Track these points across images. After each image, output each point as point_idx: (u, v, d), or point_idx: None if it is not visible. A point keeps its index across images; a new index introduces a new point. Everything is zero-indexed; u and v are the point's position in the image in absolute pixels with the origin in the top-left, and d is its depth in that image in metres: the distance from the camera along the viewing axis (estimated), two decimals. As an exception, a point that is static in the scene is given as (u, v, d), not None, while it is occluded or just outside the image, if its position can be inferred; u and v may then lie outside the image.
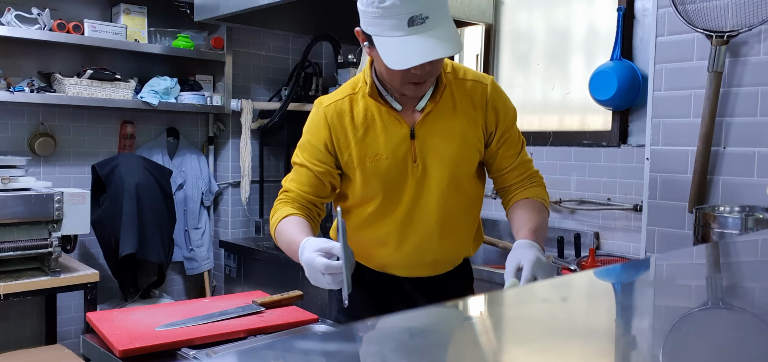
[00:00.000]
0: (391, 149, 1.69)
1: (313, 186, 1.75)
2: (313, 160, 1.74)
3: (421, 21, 1.51)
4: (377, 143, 1.70)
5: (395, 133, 1.70)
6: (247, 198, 3.89)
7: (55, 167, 3.57)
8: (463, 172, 1.75)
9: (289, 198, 1.76)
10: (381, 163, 1.69)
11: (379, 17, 1.53)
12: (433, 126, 1.70)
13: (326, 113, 1.72)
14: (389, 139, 1.70)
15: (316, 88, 3.99)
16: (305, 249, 1.56)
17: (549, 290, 0.90)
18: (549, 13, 3.42)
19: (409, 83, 1.62)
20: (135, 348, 1.74)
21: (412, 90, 1.65)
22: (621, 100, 2.98)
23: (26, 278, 2.87)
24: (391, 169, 1.70)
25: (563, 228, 3.20)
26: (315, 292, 3.07)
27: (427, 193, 1.73)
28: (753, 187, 2.19)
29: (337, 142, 1.72)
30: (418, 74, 1.59)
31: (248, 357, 0.70)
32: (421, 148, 1.70)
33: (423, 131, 1.70)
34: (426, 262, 1.82)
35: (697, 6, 2.27)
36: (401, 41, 1.52)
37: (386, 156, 1.69)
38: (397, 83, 1.63)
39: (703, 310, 0.83)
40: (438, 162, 1.71)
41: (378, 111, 1.71)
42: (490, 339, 0.72)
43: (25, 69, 3.44)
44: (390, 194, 1.73)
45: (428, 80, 1.64)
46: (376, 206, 1.75)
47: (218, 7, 3.40)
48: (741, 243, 1.43)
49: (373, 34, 1.58)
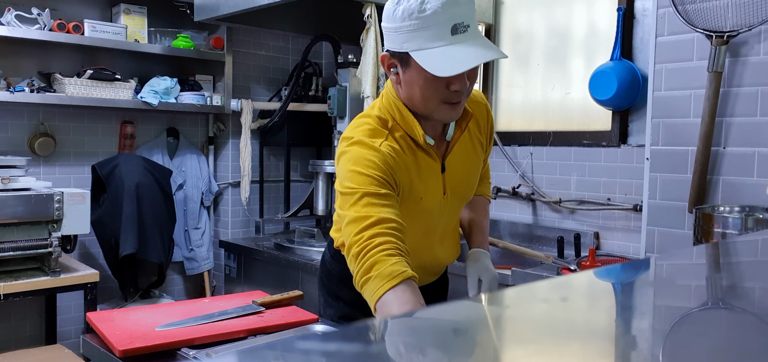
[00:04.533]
0: (430, 189, 1.64)
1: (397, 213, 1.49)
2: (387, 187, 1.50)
3: (463, 29, 1.46)
4: (420, 181, 1.61)
5: (429, 169, 1.63)
6: (247, 199, 3.89)
7: (55, 167, 3.57)
8: (473, 189, 1.82)
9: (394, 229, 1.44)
10: (421, 201, 1.62)
11: (419, 29, 1.44)
12: (457, 156, 1.69)
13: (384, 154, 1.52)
14: (426, 178, 1.63)
15: (316, 88, 4.00)
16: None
17: (549, 290, 0.91)
18: (549, 13, 3.42)
19: (446, 104, 1.54)
20: (135, 348, 1.74)
21: (447, 112, 1.55)
22: (621, 100, 2.98)
23: (26, 278, 2.87)
24: (433, 209, 1.66)
25: (563, 228, 3.20)
26: (315, 292, 3.07)
27: (446, 219, 1.75)
28: (753, 187, 2.19)
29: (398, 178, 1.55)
30: (457, 91, 1.51)
31: (248, 357, 0.70)
32: (448, 179, 1.68)
33: (450, 162, 1.68)
34: (434, 271, 1.89)
35: (697, 6, 2.27)
36: (446, 50, 1.44)
37: (425, 197, 1.63)
38: (433, 104, 1.53)
39: (703, 310, 0.83)
40: (461, 189, 1.74)
41: (410, 148, 1.60)
42: (490, 339, 0.72)
43: (25, 69, 3.44)
44: (419, 227, 1.66)
45: (463, 100, 1.57)
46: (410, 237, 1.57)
47: (218, 7, 3.40)
48: (741, 243, 1.43)
49: (412, 50, 1.47)
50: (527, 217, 3.37)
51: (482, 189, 1.95)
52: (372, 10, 3.02)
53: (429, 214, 1.67)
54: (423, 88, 1.51)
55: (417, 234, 1.64)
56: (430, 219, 1.69)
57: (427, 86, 1.50)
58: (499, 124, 3.64)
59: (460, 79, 1.50)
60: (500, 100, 3.63)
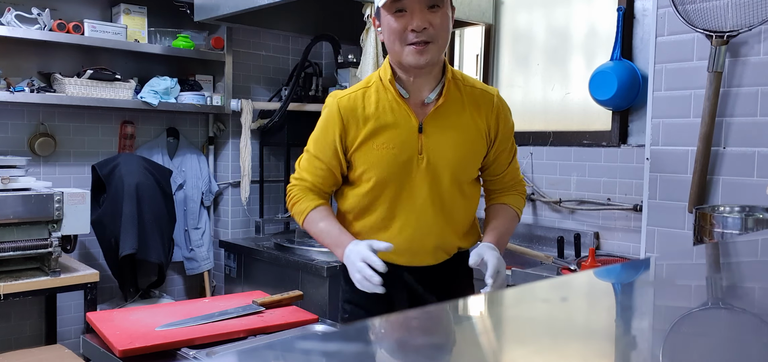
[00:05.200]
0: (399, 141, 1.81)
1: (325, 179, 1.90)
2: (327, 153, 1.87)
3: None
4: (389, 131, 1.81)
5: (404, 125, 1.81)
6: (247, 198, 3.89)
7: (55, 167, 3.57)
8: (464, 169, 1.86)
9: (306, 187, 1.92)
10: (389, 150, 1.81)
11: None
12: (441, 122, 1.83)
13: (340, 104, 1.85)
14: (398, 131, 1.81)
15: (316, 88, 3.99)
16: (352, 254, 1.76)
17: (549, 290, 0.90)
18: (549, 13, 3.42)
19: (410, 45, 1.74)
20: (135, 348, 1.74)
21: (413, 54, 1.74)
22: (621, 100, 2.98)
23: (26, 278, 2.87)
24: (398, 157, 1.81)
25: (563, 228, 3.20)
26: (315, 292, 3.07)
27: (428, 184, 1.83)
28: (753, 187, 2.19)
29: (348, 131, 1.83)
30: (415, 31, 1.72)
31: (248, 357, 0.70)
32: (427, 142, 1.81)
33: (431, 127, 1.82)
34: (426, 249, 1.88)
35: (697, 6, 2.27)
36: None
37: (393, 146, 1.81)
38: (399, 46, 1.75)
39: (703, 310, 0.83)
40: (442, 157, 1.82)
41: (392, 104, 1.82)
42: (490, 339, 0.72)
43: (25, 69, 3.44)
44: (393, 181, 1.83)
45: (429, 46, 1.74)
46: (379, 191, 1.84)
47: (218, 7, 3.40)
48: (741, 243, 1.43)
49: (379, 3, 1.76)
50: (527, 217, 3.37)
51: (507, 199, 1.97)
52: (372, 10, 3.02)
53: (403, 169, 1.82)
54: (390, 35, 1.76)
55: (392, 191, 1.84)
56: (408, 179, 1.83)
57: (392, 32, 1.75)
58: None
59: (417, 18, 1.71)
60: (500, 100, 3.63)
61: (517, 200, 1.98)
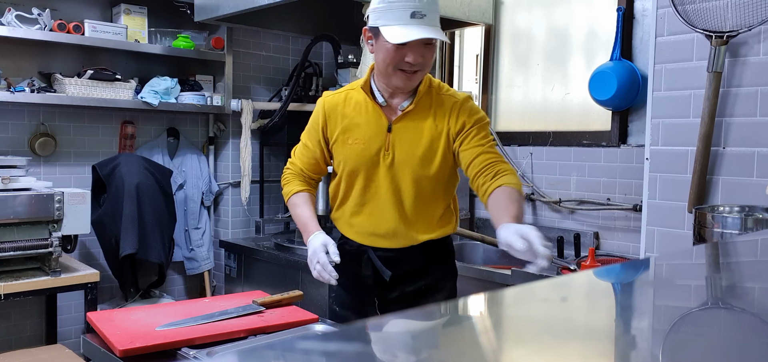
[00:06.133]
0: (369, 136, 2.05)
1: (311, 166, 2.20)
2: (313, 143, 2.16)
3: (420, 16, 1.90)
4: (359, 129, 2.06)
5: (375, 124, 2.05)
6: (247, 198, 3.89)
7: (55, 167, 3.57)
8: (425, 165, 2.04)
9: (295, 172, 2.22)
10: (358, 145, 2.06)
11: (388, 10, 1.91)
12: (407, 124, 2.05)
13: (325, 102, 2.14)
14: (369, 128, 2.05)
15: (316, 88, 3.99)
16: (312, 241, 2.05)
17: (549, 290, 0.91)
18: (549, 13, 3.42)
19: (401, 71, 1.95)
20: (135, 348, 1.74)
21: (402, 80, 1.97)
22: (621, 100, 2.98)
23: (27, 278, 2.88)
24: (365, 152, 2.05)
25: (563, 228, 3.20)
26: (315, 292, 3.07)
27: (391, 177, 2.04)
28: (753, 187, 2.19)
29: (329, 127, 2.11)
30: (410, 63, 1.92)
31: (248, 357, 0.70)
32: (394, 140, 2.04)
33: (398, 126, 2.04)
34: (381, 233, 2.09)
35: (697, 6, 2.28)
36: (404, 27, 1.90)
37: (363, 141, 2.05)
38: (391, 69, 1.95)
39: (703, 310, 0.84)
40: (405, 154, 2.03)
41: (366, 106, 2.07)
42: (490, 338, 0.72)
43: (25, 69, 3.44)
44: (361, 171, 2.06)
45: (416, 75, 1.97)
46: (351, 181, 2.10)
47: (218, 8, 3.40)
48: (741, 243, 1.44)
49: (381, 25, 1.93)
50: (527, 217, 3.37)
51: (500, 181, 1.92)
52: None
53: (371, 163, 2.04)
54: (385, 55, 1.95)
55: (361, 181, 2.07)
56: (375, 171, 2.05)
57: (388, 54, 1.94)
58: (498, 124, 3.64)
59: (414, 53, 1.92)
60: (500, 100, 3.63)
61: (510, 178, 1.95)
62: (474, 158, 1.99)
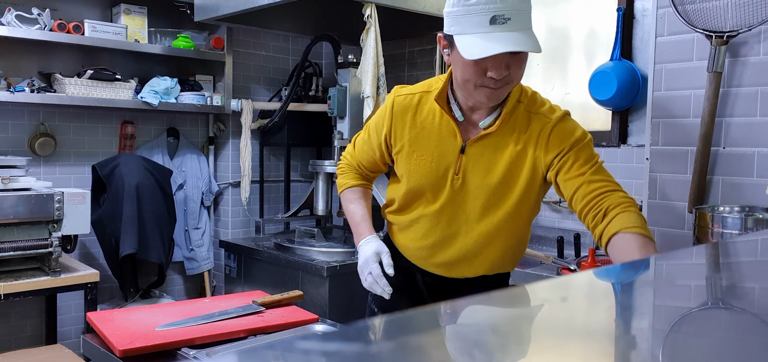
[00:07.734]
0: (439, 155, 1.79)
1: (370, 163, 2.00)
2: (374, 142, 1.93)
3: (503, 21, 1.56)
4: (428, 145, 1.80)
5: (448, 142, 1.79)
6: (247, 198, 3.89)
7: (55, 167, 3.57)
8: (501, 199, 1.78)
9: (352, 164, 2.05)
10: (425, 163, 1.81)
11: (463, 15, 1.59)
12: (485, 147, 1.76)
13: (395, 102, 1.86)
14: (440, 146, 1.79)
15: (316, 88, 4.00)
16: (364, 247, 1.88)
17: (549, 290, 0.91)
18: (549, 13, 3.42)
19: (484, 87, 1.65)
20: (135, 348, 1.74)
21: (486, 95, 1.67)
22: (621, 100, 2.98)
23: (26, 278, 2.87)
24: (432, 172, 1.80)
25: (563, 228, 3.20)
26: (315, 292, 3.07)
27: (459, 203, 1.81)
28: (753, 187, 2.19)
29: (394, 133, 1.86)
30: (494, 79, 1.62)
31: (248, 357, 0.70)
32: (466, 164, 1.77)
33: (474, 149, 1.77)
34: (438, 262, 1.90)
35: (697, 6, 2.27)
36: (482, 37, 1.57)
37: (431, 160, 1.80)
38: (471, 86, 1.65)
39: (703, 310, 0.83)
40: (477, 181, 1.77)
41: (441, 119, 1.79)
42: (490, 338, 0.72)
43: (25, 69, 3.44)
44: (426, 192, 1.84)
45: (503, 88, 1.66)
46: (412, 197, 1.88)
47: (218, 7, 3.40)
48: (741, 243, 1.43)
49: (455, 33, 1.62)
50: (527, 217, 3.37)
51: (621, 223, 1.60)
52: (372, 10, 3.02)
53: (437, 184, 1.80)
54: (463, 70, 1.65)
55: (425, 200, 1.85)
56: (440, 194, 1.81)
57: (465, 69, 1.63)
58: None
59: (497, 67, 1.60)
60: (500, 100, 3.63)
61: (624, 219, 1.61)
62: (575, 191, 1.68)
